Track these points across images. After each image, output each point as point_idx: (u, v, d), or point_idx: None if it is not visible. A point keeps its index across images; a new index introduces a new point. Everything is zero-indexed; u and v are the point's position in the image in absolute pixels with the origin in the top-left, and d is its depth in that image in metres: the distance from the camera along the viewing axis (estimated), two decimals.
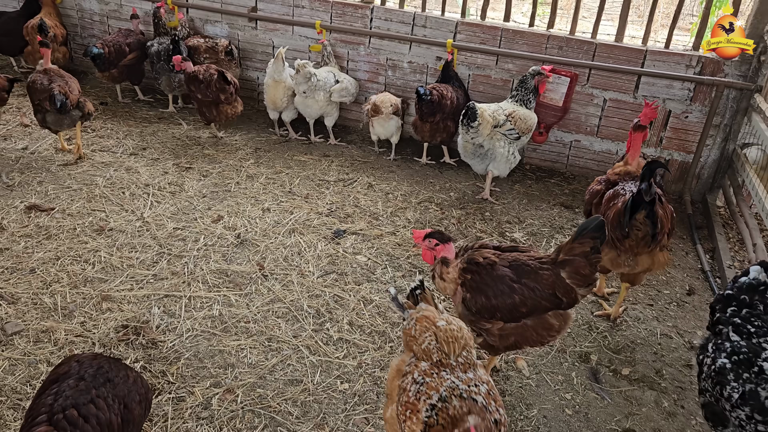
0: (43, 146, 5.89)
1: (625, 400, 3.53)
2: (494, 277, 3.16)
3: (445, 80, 6.06)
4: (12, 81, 5.54)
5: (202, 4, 6.99)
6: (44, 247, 4.42)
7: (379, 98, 6.06)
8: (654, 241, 3.60)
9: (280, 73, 6.11)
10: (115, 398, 2.43)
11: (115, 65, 6.76)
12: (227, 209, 5.12)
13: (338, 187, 5.64)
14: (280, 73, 6.12)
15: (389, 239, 4.88)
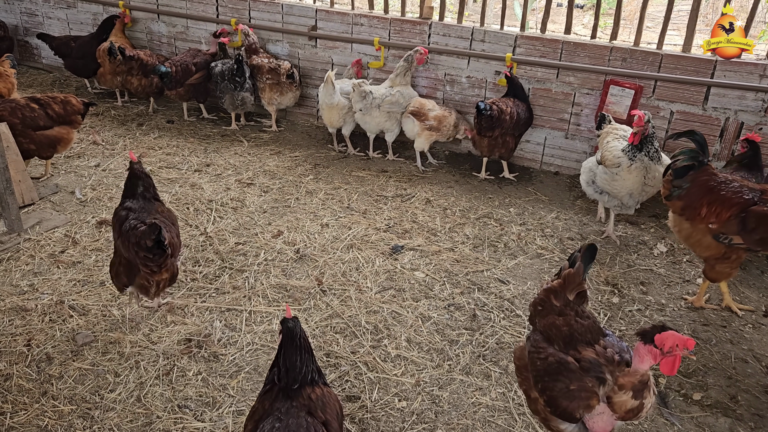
0: (113, 164, 6.14)
1: (697, 427, 3.36)
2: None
3: (513, 94, 5.99)
4: (87, 105, 5.78)
5: (264, 24, 7.17)
6: None
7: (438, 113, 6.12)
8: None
9: (331, 96, 6.18)
10: None
11: (182, 84, 7.00)
12: (287, 224, 5.19)
13: (396, 202, 5.63)
14: (330, 97, 6.18)
15: (447, 255, 4.83)
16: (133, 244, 3.57)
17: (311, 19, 6.93)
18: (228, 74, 6.74)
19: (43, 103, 5.49)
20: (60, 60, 8.01)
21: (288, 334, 2.67)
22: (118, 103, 7.70)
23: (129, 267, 3.71)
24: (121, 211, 3.83)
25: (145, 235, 3.51)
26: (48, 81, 8.43)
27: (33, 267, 4.46)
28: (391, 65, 6.70)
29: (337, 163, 6.40)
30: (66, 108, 5.58)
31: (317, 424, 2.46)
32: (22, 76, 8.56)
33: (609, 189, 4.91)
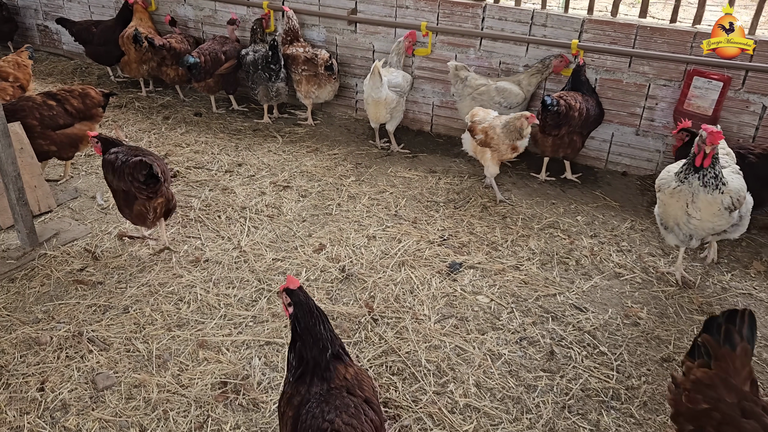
0: None
1: None
2: None
3: (576, 87, 5.32)
4: (107, 95, 5.28)
5: (300, 8, 6.55)
6: (137, 280, 4.08)
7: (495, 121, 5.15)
8: None
9: (378, 90, 5.56)
10: None
11: (211, 74, 6.44)
12: (329, 236, 4.63)
13: (449, 209, 5.04)
14: (378, 91, 5.57)
15: (513, 275, 4.24)
16: (127, 175, 4.00)
17: (351, 1, 6.30)
18: (262, 63, 6.15)
19: (60, 98, 4.98)
20: (81, 46, 7.50)
21: (302, 305, 2.52)
22: (142, 93, 7.18)
23: (127, 199, 4.14)
24: (110, 156, 4.17)
25: (137, 168, 3.95)
26: (69, 69, 7.94)
27: (49, 288, 3.98)
28: (438, 52, 6.06)
29: (381, 162, 5.81)
30: (85, 102, 5.07)
31: (361, 402, 2.41)
32: (41, 63, 8.09)
33: (659, 218, 4.15)
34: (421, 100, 6.38)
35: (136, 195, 4.07)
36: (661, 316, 3.92)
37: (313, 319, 2.51)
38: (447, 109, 6.31)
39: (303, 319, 2.51)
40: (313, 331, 2.49)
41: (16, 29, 8.37)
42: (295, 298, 2.53)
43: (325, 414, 2.29)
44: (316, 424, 2.27)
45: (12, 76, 5.48)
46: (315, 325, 2.50)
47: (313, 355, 2.47)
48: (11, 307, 3.81)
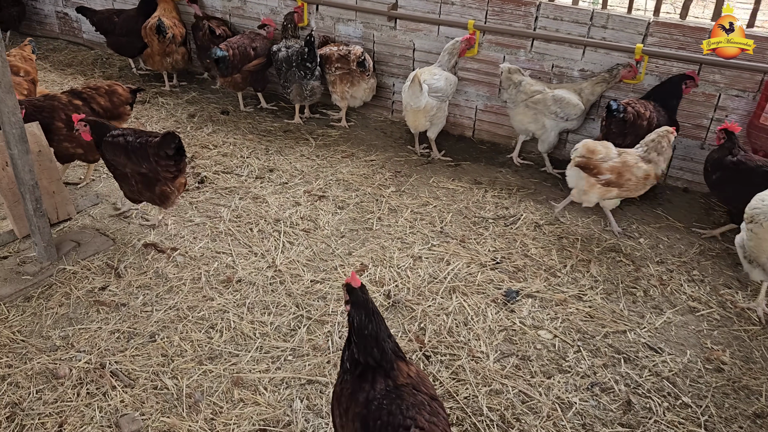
0: None
1: None
2: None
3: (658, 98, 4.87)
4: (135, 92, 4.91)
5: (335, 1, 6.13)
6: (165, 302, 3.71)
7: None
8: None
9: (417, 99, 5.14)
10: None
11: (239, 70, 6.04)
12: (371, 254, 4.25)
13: (499, 226, 4.63)
14: (417, 99, 5.15)
15: (576, 306, 3.83)
16: (153, 155, 3.93)
17: None
18: (297, 60, 5.74)
19: (86, 97, 4.62)
20: (102, 36, 7.13)
21: (361, 303, 2.46)
22: (165, 88, 6.80)
23: (147, 181, 4.05)
24: (117, 139, 4.03)
25: (164, 144, 3.90)
26: (89, 60, 7.57)
27: (68, 310, 3.62)
28: (485, 53, 5.63)
29: (421, 171, 5.40)
30: (113, 100, 4.72)
31: (429, 399, 2.37)
32: (60, 53, 7.73)
33: (744, 251, 3.71)
34: (463, 103, 5.96)
35: (158, 175, 4.01)
36: (746, 360, 3.50)
37: (372, 319, 2.45)
38: (491, 113, 5.89)
39: (361, 319, 2.45)
40: (373, 331, 2.44)
41: (24, 14, 7.99)
42: (354, 298, 2.48)
43: (404, 411, 2.26)
44: (396, 422, 2.23)
45: (22, 70, 5.11)
46: (374, 324, 2.44)
47: (374, 354, 2.42)
48: (27, 330, 3.46)
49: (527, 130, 5.39)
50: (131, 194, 4.28)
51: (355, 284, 2.50)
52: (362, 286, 2.51)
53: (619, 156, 4.32)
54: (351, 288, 2.50)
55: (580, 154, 4.36)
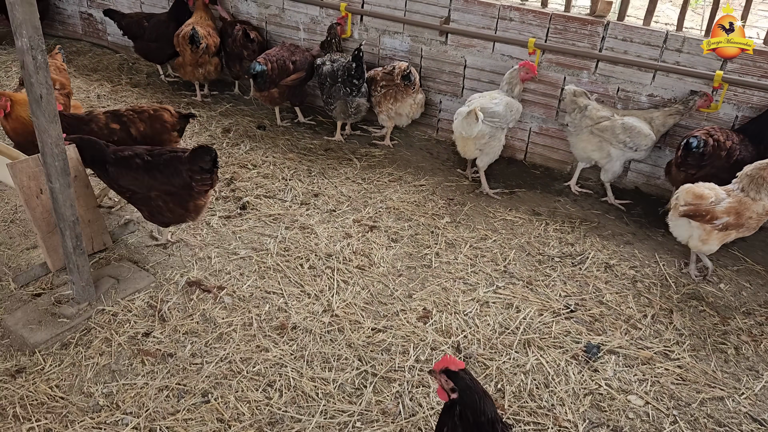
0: None
1: None
2: None
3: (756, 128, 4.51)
4: (186, 117, 4.53)
5: (381, 12, 5.77)
6: (215, 353, 3.37)
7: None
8: None
9: (471, 128, 4.78)
10: None
11: (276, 84, 5.69)
12: (433, 297, 3.91)
13: (566, 266, 4.28)
14: (470, 129, 4.78)
15: (664, 366, 3.49)
16: (186, 170, 3.75)
17: (444, 9, 5.51)
18: (343, 75, 5.38)
19: (126, 121, 4.27)
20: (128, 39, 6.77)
21: (470, 387, 2.19)
22: (197, 98, 6.45)
23: (179, 199, 3.84)
24: (133, 161, 3.81)
25: (197, 158, 3.74)
26: (114, 64, 7.21)
27: (110, 360, 3.28)
28: (543, 72, 5.27)
29: (475, 199, 5.05)
30: (154, 126, 4.34)
31: None
32: (84, 56, 7.38)
33: None
34: (516, 124, 5.59)
35: (192, 190, 3.83)
36: None
37: (486, 401, 2.20)
38: (546, 137, 5.53)
39: (476, 405, 2.18)
40: (490, 415, 2.18)
41: (48, 13, 7.62)
42: (461, 384, 2.20)
43: None
44: None
45: (58, 82, 4.75)
46: (489, 407, 2.19)
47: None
48: (66, 385, 3.12)
49: (589, 158, 5.04)
50: (157, 217, 3.98)
51: (457, 366, 2.22)
52: (465, 369, 2.25)
53: (730, 195, 3.94)
54: (453, 373, 2.21)
55: (686, 202, 3.97)
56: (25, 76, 2.88)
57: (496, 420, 2.21)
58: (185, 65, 6.13)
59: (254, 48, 6.04)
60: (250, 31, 6.06)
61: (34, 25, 2.73)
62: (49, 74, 2.88)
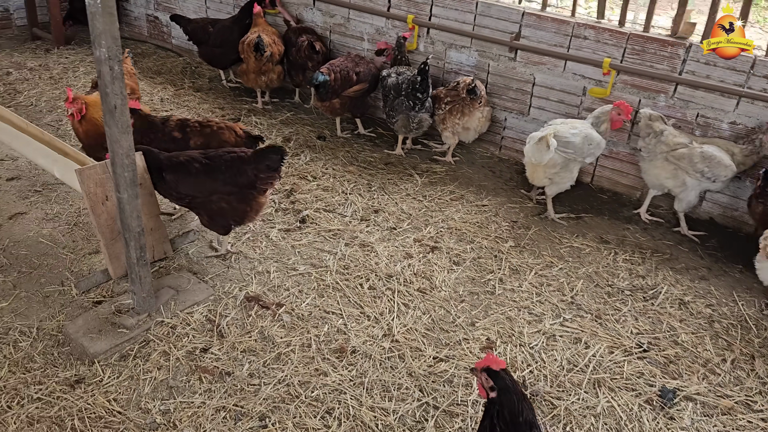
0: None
1: None
2: None
3: None
4: (255, 139, 4.46)
5: (449, 25, 5.65)
6: (273, 374, 3.28)
7: None
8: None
9: (541, 155, 4.59)
10: None
11: (338, 95, 5.62)
12: (496, 326, 3.74)
13: (637, 300, 4.06)
14: (541, 156, 4.60)
15: (747, 417, 3.24)
16: (252, 169, 3.77)
17: (514, 25, 5.34)
18: (407, 88, 5.26)
19: (188, 131, 4.23)
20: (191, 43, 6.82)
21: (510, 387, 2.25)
22: (257, 105, 6.44)
23: (242, 198, 3.83)
24: (191, 166, 3.80)
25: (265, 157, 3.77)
26: (178, 68, 7.28)
27: (167, 375, 3.22)
28: (617, 94, 5.05)
29: (540, 223, 4.86)
30: (211, 143, 4.27)
31: None
32: (148, 58, 7.48)
33: None
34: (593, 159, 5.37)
35: (253, 189, 3.83)
36: None
37: (524, 404, 2.23)
38: (615, 160, 5.30)
39: (513, 405, 2.22)
40: (528, 417, 2.21)
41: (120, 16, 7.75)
42: (500, 382, 2.25)
43: None
44: None
45: (128, 87, 4.77)
46: (528, 409, 2.22)
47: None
48: (123, 399, 3.07)
49: (662, 185, 4.79)
50: (217, 220, 3.94)
51: (498, 366, 2.29)
52: (505, 369, 2.31)
53: None
54: (493, 372, 2.28)
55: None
56: (100, 85, 2.85)
57: (534, 424, 2.22)
58: (248, 72, 6.12)
59: (319, 59, 5.98)
60: (315, 42, 6.01)
61: (113, 36, 2.69)
62: (124, 85, 2.84)
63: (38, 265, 3.93)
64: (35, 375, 3.15)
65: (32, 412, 2.95)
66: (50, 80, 6.61)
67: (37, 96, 6.23)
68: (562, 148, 4.54)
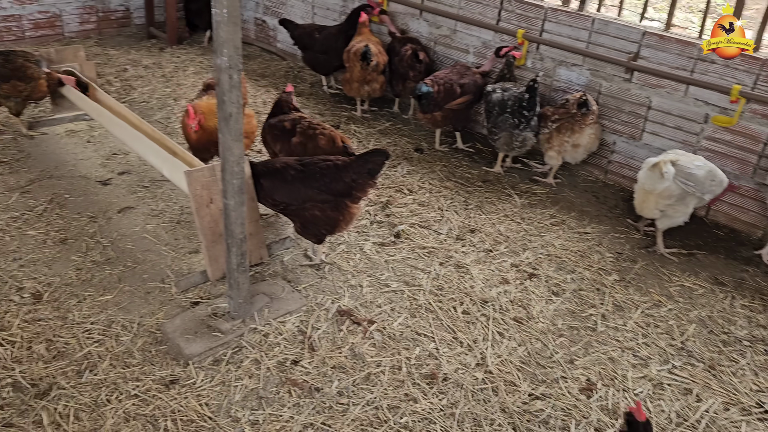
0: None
1: None
2: None
3: None
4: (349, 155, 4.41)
5: (560, 41, 5.42)
6: (362, 394, 3.21)
7: None
8: None
9: (653, 183, 4.29)
10: None
11: (441, 108, 5.50)
12: (597, 366, 3.51)
13: (758, 353, 3.71)
14: (653, 183, 4.30)
15: None
16: (351, 174, 3.71)
17: (633, 44, 5.05)
18: (513, 105, 5.08)
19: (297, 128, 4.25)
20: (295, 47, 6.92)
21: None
22: (356, 113, 6.43)
23: (335, 207, 3.78)
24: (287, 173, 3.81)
25: (367, 163, 3.70)
26: (281, 71, 7.41)
27: (258, 385, 3.21)
28: (744, 124, 4.66)
29: (648, 257, 4.55)
30: (307, 144, 4.27)
31: None
32: (254, 60, 7.65)
33: None
34: (712, 197, 4.99)
35: (349, 198, 3.77)
36: None
37: None
38: (735, 194, 4.89)
39: None
40: None
41: None
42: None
43: None
44: None
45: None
46: None
47: None
48: (214, 405, 3.08)
49: None
50: (310, 229, 3.92)
51: (640, 417, 2.39)
52: (647, 422, 2.39)
53: None
54: (633, 420, 2.40)
55: None
56: (218, 93, 2.87)
57: None
58: (352, 81, 6.11)
59: (421, 69, 5.91)
60: (419, 51, 5.93)
61: (235, 45, 2.70)
62: (241, 94, 2.84)
63: (142, 261, 4.04)
64: (133, 371, 3.21)
65: (129, 409, 3.00)
66: (162, 78, 6.87)
67: (149, 93, 6.48)
68: (682, 179, 4.22)
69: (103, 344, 3.37)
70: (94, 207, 4.54)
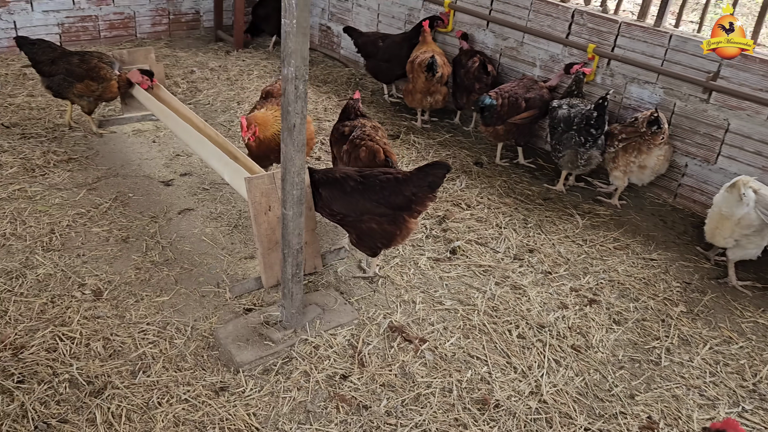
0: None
1: None
2: None
3: None
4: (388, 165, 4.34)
5: (633, 58, 5.22)
6: (410, 416, 3.13)
7: None
8: None
9: (730, 207, 4.05)
10: None
11: (503, 121, 5.38)
12: (660, 404, 3.32)
13: None
14: (730, 207, 4.06)
15: None
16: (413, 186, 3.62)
17: (713, 63, 4.80)
18: (581, 123, 4.92)
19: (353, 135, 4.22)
20: (358, 54, 6.92)
21: None
22: (416, 124, 6.36)
23: (392, 220, 3.70)
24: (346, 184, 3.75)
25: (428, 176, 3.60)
26: (343, 78, 7.42)
27: (306, 398, 3.18)
28: None
29: (718, 289, 4.31)
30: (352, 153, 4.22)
31: None
32: (317, 66, 7.69)
33: None
34: None
35: (408, 211, 3.69)
36: None
37: None
38: None
39: None
40: None
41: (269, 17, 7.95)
42: None
43: None
44: None
45: None
46: None
47: None
48: (262, 416, 3.06)
49: None
50: (366, 241, 3.85)
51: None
52: None
53: None
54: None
55: None
56: (283, 103, 2.85)
57: None
58: (415, 92, 6.05)
59: (488, 81, 5.80)
60: (487, 63, 5.83)
61: (302, 56, 2.67)
62: (306, 104, 2.82)
63: (198, 263, 4.08)
64: (185, 375, 3.22)
65: (179, 413, 3.01)
66: (227, 81, 6.98)
67: (214, 95, 6.60)
68: (764, 209, 3.97)
69: (157, 345, 3.40)
70: (155, 207, 4.63)
